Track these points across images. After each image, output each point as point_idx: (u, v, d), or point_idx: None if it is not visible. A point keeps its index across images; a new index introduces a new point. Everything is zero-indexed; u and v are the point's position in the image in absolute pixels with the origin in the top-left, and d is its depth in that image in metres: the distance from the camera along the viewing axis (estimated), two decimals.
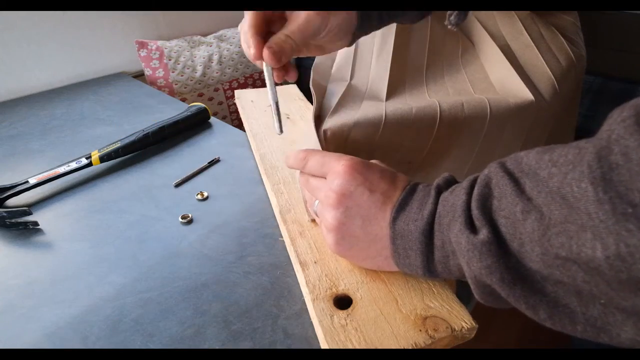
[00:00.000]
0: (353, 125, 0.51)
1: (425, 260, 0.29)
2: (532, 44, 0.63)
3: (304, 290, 0.34)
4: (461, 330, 0.30)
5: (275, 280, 0.37)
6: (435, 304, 0.32)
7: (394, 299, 0.32)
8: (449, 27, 0.40)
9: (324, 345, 0.30)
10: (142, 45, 0.94)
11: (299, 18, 0.35)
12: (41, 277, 0.39)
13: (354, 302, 0.32)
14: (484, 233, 0.24)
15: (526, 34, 0.63)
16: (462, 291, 0.95)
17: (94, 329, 0.33)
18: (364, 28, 0.42)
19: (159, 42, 0.96)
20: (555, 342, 1.07)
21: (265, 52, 0.34)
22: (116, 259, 0.40)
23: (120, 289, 0.37)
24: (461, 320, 0.30)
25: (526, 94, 0.56)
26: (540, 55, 0.61)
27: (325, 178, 0.34)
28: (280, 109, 0.59)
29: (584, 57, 0.67)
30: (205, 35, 1.06)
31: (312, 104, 0.63)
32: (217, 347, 0.32)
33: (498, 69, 0.61)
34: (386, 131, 0.52)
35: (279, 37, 0.35)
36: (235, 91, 0.68)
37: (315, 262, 0.36)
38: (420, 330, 0.30)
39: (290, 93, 0.70)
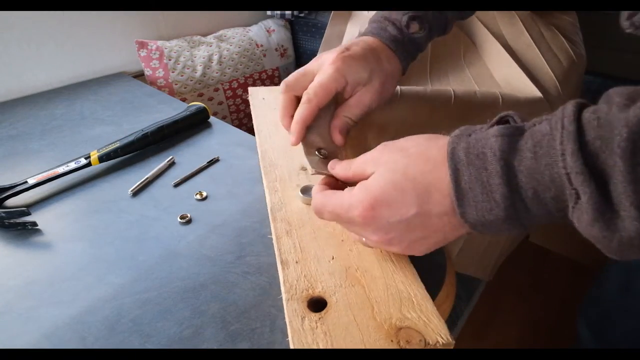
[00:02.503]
0: None
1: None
2: (533, 44, 0.62)
3: (282, 289, 0.34)
4: (435, 345, 0.28)
5: (273, 280, 0.37)
6: (413, 314, 0.30)
7: (370, 306, 0.31)
8: (628, 30, 0.37)
9: (291, 346, 0.29)
10: (142, 45, 0.94)
11: (361, 103, 0.41)
12: (40, 278, 0.39)
13: (328, 305, 0.31)
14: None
15: (527, 34, 0.63)
16: (463, 291, 0.95)
17: (92, 329, 0.33)
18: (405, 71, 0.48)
19: (159, 42, 0.96)
20: (555, 342, 1.07)
21: (336, 136, 0.41)
22: (115, 259, 0.40)
23: (118, 290, 0.37)
24: (437, 334, 0.29)
25: (534, 91, 0.56)
26: (541, 55, 0.61)
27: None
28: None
29: (584, 57, 0.67)
30: (205, 35, 1.06)
31: None
32: (215, 348, 0.32)
33: (503, 68, 0.61)
34: (401, 106, 0.51)
35: (342, 120, 0.41)
36: (249, 88, 0.68)
37: (296, 262, 0.35)
38: (392, 341, 0.28)
39: None
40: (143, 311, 0.35)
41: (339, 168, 0.35)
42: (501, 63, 0.61)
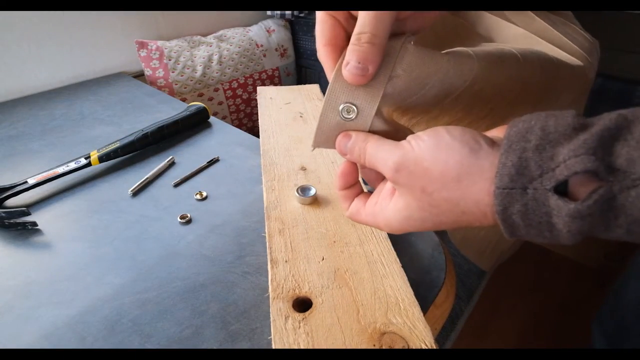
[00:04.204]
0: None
1: None
2: (550, 27, 0.59)
3: (269, 288, 0.34)
4: None
5: None
6: (399, 320, 0.30)
7: (355, 309, 0.31)
8: None
9: (273, 345, 0.29)
10: (142, 45, 0.94)
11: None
12: (39, 278, 0.39)
13: (313, 306, 0.31)
14: None
15: (539, 19, 0.61)
16: (463, 291, 0.95)
17: (91, 329, 0.33)
18: None
19: (159, 42, 0.96)
20: (555, 342, 1.07)
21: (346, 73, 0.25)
22: (114, 259, 0.40)
23: (118, 290, 0.37)
24: (422, 341, 0.28)
25: (574, 61, 0.53)
26: (562, 36, 0.58)
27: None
28: (298, 109, 0.54)
29: (597, 42, 0.65)
30: (205, 35, 1.06)
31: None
32: (215, 348, 0.32)
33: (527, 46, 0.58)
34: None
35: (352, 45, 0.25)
36: (258, 87, 0.69)
37: (286, 261, 0.35)
38: (374, 345, 0.28)
39: (310, 92, 0.70)
40: (143, 311, 0.35)
41: (355, 148, 0.26)
42: (525, 43, 0.57)
